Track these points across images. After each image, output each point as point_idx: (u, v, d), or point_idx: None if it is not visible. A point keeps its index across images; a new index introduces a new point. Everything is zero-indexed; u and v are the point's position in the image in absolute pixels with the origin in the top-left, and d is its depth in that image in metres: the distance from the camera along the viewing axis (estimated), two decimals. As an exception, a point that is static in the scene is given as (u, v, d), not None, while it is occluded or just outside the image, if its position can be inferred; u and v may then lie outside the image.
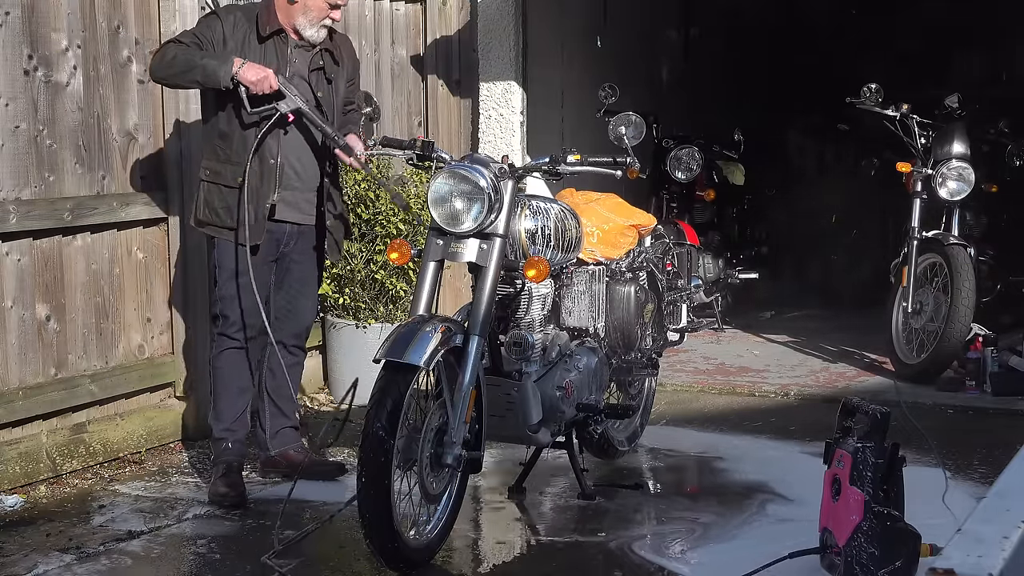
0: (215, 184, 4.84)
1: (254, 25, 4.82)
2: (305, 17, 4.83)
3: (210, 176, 4.86)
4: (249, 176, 4.75)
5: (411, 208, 6.20)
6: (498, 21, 7.35)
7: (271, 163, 4.82)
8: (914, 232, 7.08)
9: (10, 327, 4.95)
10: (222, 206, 4.82)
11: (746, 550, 4.23)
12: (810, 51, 11.91)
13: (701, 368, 7.44)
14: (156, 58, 4.80)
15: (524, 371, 4.55)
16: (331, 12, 4.86)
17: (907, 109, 7.23)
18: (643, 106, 7.10)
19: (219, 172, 4.83)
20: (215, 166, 4.85)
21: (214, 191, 4.84)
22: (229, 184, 4.80)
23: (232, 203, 4.78)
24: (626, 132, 4.95)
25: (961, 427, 6.16)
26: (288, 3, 4.82)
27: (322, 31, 4.88)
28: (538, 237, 4.55)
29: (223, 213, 4.82)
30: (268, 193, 4.82)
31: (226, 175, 4.81)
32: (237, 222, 4.76)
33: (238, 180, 4.76)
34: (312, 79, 4.91)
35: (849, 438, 3.79)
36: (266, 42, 4.82)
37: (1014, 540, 2.27)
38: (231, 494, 4.81)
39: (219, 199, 4.83)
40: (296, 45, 4.88)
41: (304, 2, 4.80)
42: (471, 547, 4.54)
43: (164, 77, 4.79)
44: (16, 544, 4.39)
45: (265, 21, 4.82)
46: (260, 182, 4.80)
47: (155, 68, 4.79)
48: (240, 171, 4.76)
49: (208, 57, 4.68)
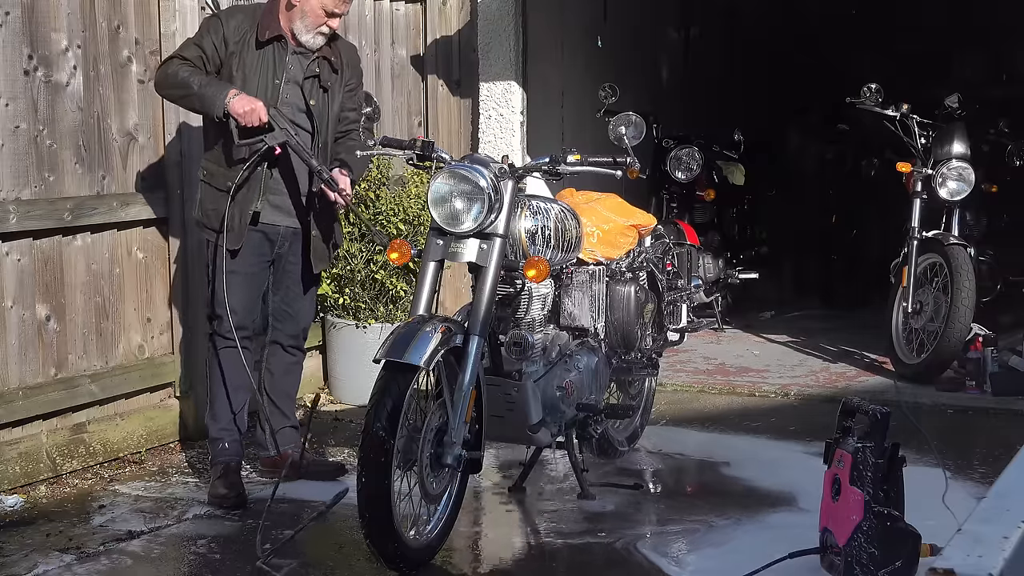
0: (209, 185, 4.89)
1: (255, 29, 4.83)
2: (302, 23, 4.83)
3: (206, 176, 4.91)
4: (237, 181, 4.78)
5: (390, 239, 6.18)
6: (498, 21, 7.35)
7: (257, 171, 4.83)
8: (914, 232, 7.07)
9: (10, 327, 4.95)
10: (212, 208, 4.86)
11: (746, 550, 4.22)
12: (810, 51, 11.91)
13: (701, 368, 7.44)
14: (160, 75, 4.83)
15: (524, 371, 4.55)
16: (328, 20, 4.85)
17: (907, 109, 7.23)
18: (643, 106, 7.10)
19: (213, 174, 4.88)
20: (211, 167, 4.89)
21: (208, 192, 4.89)
22: (219, 187, 4.83)
23: (220, 206, 4.80)
24: (626, 132, 4.95)
25: (961, 427, 6.17)
26: (286, 8, 4.83)
27: (319, 38, 4.88)
28: (538, 237, 4.55)
29: (212, 215, 4.85)
30: (252, 199, 4.84)
31: (218, 178, 4.85)
32: (223, 225, 4.78)
33: (227, 184, 4.79)
34: (306, 86, 4.90)
35: (849, 438, 3.79)
36: (264, 47, 4.82)
37: (1014, 540, 2.27)
38: (231, 495, 4.81)
39: (210, 201, 4.87)
40: (294, 51, 4.88)
41: (301, 8, 4.81)
42: (471, 547, 4.54)
43: (166, 96, 4.95)
44: (16, 544, 4.39)
45: (265, 26, 4.83)
46: (246, 188, 4.82)
47: (159, 85, 4.87)
48: (230, 176, 4.79)
49: (205, 85, 4.70)
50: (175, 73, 4.73)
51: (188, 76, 4.70)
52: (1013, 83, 10.97)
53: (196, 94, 4.69)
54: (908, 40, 11.66)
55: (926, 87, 9.01)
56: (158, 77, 4.85)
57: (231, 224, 4.77)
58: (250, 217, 4.84)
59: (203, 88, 4.69)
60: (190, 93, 4.71)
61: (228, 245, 4.79)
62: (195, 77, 4.71)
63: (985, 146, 8.19)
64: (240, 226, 4.81)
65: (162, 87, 4.84)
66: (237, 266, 4.84)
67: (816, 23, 12.18)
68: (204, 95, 4.68)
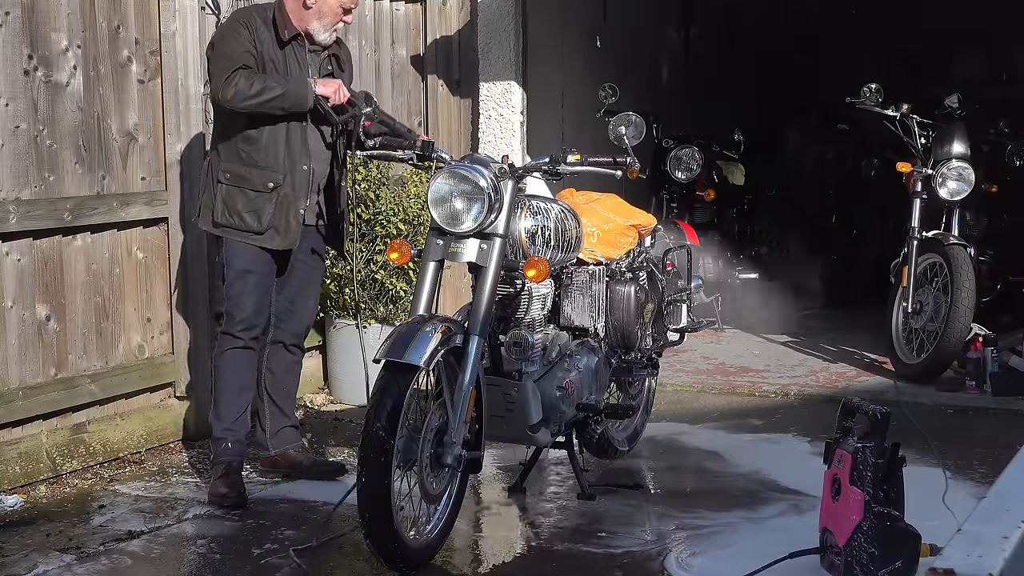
0: (237, 188, 4.84)
1: (271, 29, 4.85)
2: (320, 22, 4.88)
3: (231, 180, 4.84)
4: (282, 183, 4.82)
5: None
6: (498, 21, 7.35)
7: (303, 169, 4.86)
8: (914, 232, 7.07)
9: (10, 327, 4.95)
10: (248, 210, 4.82)
11: (746, 550, 4.22)
12: (810, 51, 11.91)
13: (701, 368, 7.44)
14: (233, 89, 4.67)
15: (524, 371, 4.55)
16: (344, 16, 4.94)
17: (907, 109, 7.23)
18: (643, 106, 7.09)
19: (244, 176, 4.83)
20: (239, 169, 4.84)
21: (236, 194, 4.83)
22: (257, 188, 4.81)
23: (261, 207, 4.81)
24: (626, 132, 4.95)
25: (961, 427, 6.16)
26: (303, 8, 4.85)
27: (333, 35, 4.96)
28: (538, 237, 4.55)
29: (249, 217, 4.82)
30: (300, 198, 4.86)
31: (253, 179, 4.82)
32: (265, 225, 4.80)
33: (269, 185, 4.80)
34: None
35: (849, 438, 3.78)
36: (285, 47, 4.86)
37: (1014, 540, 2.27)
38: (231, 494, 4.81)
39: (244, 203, 4.82)
40: (309, 49, 4.92)
41: (319, 7, 4.85)
42: (471, 547, 4.54)
43: (248, 107, 4.72)
44: (16, 544, 4.39)
45: (283, 25, 4.85)
46: (292, 189, 4.84)
47: (236, 98, 4.68)
48: (271, 176, 4.80)
49: (286, 84, 4.76)
50: (251, 83, 4.69)
51: (266, 81, 4.72)
52: (1013, 83, 10.98)
53: (282, 94, 4.71)
54: (908, 40, 11.66)
55: (926, 87, 9.01)
56: (231, 92, 4.68)
57: (279, 224, 4.80)
58: (302, 217, 4.88)
59: (286, 86, 4.74)
60: (276, 95, 4.70)
61: (279, 246, 4.84)
62: (271, 80, 4.74)
63: (985, 146, 8.18)
64: (295, 226, 4.85)
65: (242, 99, 4.68)
66: (253, 266, 4.86)
67: (816, 23, 12.18)
68: (290, 92, 4.73)
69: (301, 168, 4.86)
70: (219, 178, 4.87)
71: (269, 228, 4.82)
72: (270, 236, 4.83)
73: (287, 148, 4.82)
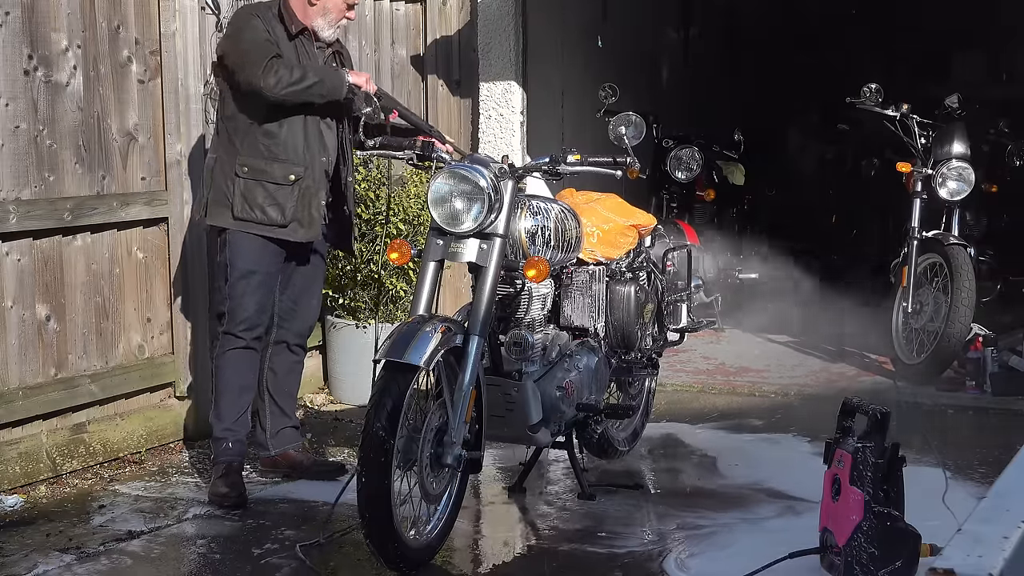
0: (256, 181, 4.82)
1: (279, 23, 4.86)
2: (324, 19, 4.90)
3: (249, 173, 4.82)
4: (303, 175, 4.85)
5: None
6: (498, 21, 7.35)
7: (321, 161, 4.88)
8: (914, 232, 7.07)
9: (10, 327, 4.95)
10: (270, 203, 4.81)
11: (746, 550, 4.22)
12: (810, 51, 11.91)
13: (701, 368, 7.44)
14: (274, 76, 4.66)
15: (524, 371, 4.55)
16: (348, 12, 4.96)
17: (907, 109, 7.23)
18: (643, 106, 7.10)
19: (264, 170, 4.82)
20: (258, 163, 4.82)
21: (255, 188, 4.81)
22: (277, 181, 4.81)
23: (283, 200, 4.81)
24: (626, 132, 4.95)
25: (961, 427, 6.17)
26: (308, 4, 4.86)
27: (337, 31, 5.00)
28: (538, 237, 4.55)
29: (272, 211, 4.81)
30: (321, 190, 4.90)
31: (274, 172, 4.82)
32: (289, 218, 4.82)
33: (290, 178, 4.81)
34: None
35: (849, 438, 3.79)
36: (294, 40, 4.87)
37: (1014, 540, 2.27)
38: (231, 494, 4.81)
39: (264, 196, 4.81)
40: (315, 44, 4.94)
41: (323, 4, 4.88)
42: (471, 547, 4.54)
43: (287, 96, 4.71)
44: (16, 544, 4.39)
45: (290, 20, 4.87)
46: (313, 181, 4.86)
47: (275, 87, 4.66)
48: (292, 169, 4.82)
49: (320, 71, 4.80)
50: (291, 70, 4.70)
51: (304, 69, 4.74)
52: (1013, 83, 10.98)
53: (320, 81, 4.75)
54: (908, 40, 11.66)
55: (926, 87, 9.01)
56: (272, 80, 4.66)
57: (302, 217, 4.83)
58: (323, 208, 4.89)
59: (321, 74, 4.78)
60: (313, 82, 4.73)
61: (303, 238, 4.86)
62: (306, 69, 4.75)
63: (985, 146, 8.19)
64: (318, 217, 4.88)
65: (284, 86, 4.66)
66: (257, 266, 4.86)
67: (816, 23, 12.19)
68: (325, 80, 4.77)
69: (320, 160, 4.89)
70: (237, 172, 4.82)
71: (292, 221, 4.83)
72: (293, 229, 4.84)
73: (306, 142, 4.84)
